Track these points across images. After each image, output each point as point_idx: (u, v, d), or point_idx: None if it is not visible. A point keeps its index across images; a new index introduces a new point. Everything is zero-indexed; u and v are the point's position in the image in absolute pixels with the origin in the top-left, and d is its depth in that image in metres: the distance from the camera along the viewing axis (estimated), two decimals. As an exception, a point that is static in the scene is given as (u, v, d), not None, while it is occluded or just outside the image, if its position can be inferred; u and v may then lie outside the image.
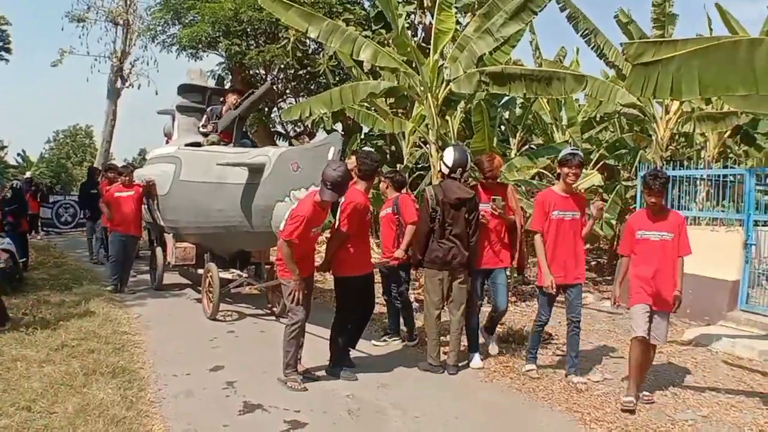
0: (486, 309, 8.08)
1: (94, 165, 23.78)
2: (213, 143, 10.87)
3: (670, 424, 5.73)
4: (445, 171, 7.26)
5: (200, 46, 22.04)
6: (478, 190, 7.29)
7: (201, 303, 10.20)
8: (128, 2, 28.04)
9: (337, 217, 6.76)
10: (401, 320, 8.62)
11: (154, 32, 23.64)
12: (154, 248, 12.67)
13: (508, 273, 8.12)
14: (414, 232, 7.58)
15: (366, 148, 17.06)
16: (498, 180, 7.68)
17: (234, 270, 10.38)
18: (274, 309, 10.02)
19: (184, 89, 12.67)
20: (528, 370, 7.08)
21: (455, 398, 6.42)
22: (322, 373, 6.94)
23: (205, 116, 11.51)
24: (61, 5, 55.39)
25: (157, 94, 28.59)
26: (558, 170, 7.04)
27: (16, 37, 54.57)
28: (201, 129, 11.41)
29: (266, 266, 10.64)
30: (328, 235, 7.28)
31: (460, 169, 7.12)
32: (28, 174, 28.12)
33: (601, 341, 8.80)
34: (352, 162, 7.59)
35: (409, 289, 8.93)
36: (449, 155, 7.21)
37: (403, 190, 8.62)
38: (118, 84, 28.35)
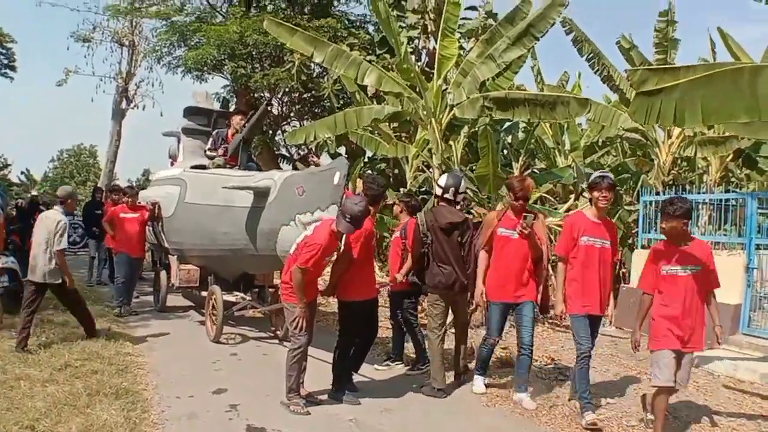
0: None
1: (98, 185, 23.77)
2: (218, 166, 10.92)
3: (672, 449, 5.74)
4: (438, 192, 7.48)
5: (205, 68, 22.29)
6: (507, 213, 6.86)
7: (204, 325, 10.21)
8: (134, 24, 28.30)
9: (343, 242, 6.74)
10: (407, 345, 8.65)
11: (160, 54, 23.86)
12: (157, 270, 12.70)
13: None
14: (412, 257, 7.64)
15: (368, 173, 17.15)
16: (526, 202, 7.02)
17: (238, 293, 10.34)
18: (278, 332, 10.01)
19: (190, 112, 12.70)
20: (589, 423, 6.22)
21: (458, 423, 6.44)
22: (325, 396, 6.93)
23: (211, 139, 11.52)
24: (67, 25, 55.77)
25: (162, 115, 29.06)
26: (588, 195, 6.68)
27: (21, 55, 54.97)
28: (208, 152, 11.41)
29: (270, 289, 10.68)
30: (333, 259, 7.31)
31: (453, 189, 7.25)
32: (33, 192, 28.11)
33: (603, 365, 8.79)
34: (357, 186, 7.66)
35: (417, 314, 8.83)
36: (443, 178, 7.45)
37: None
38: (123, 105, 28.68)
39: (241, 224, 8.81)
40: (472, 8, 19.71)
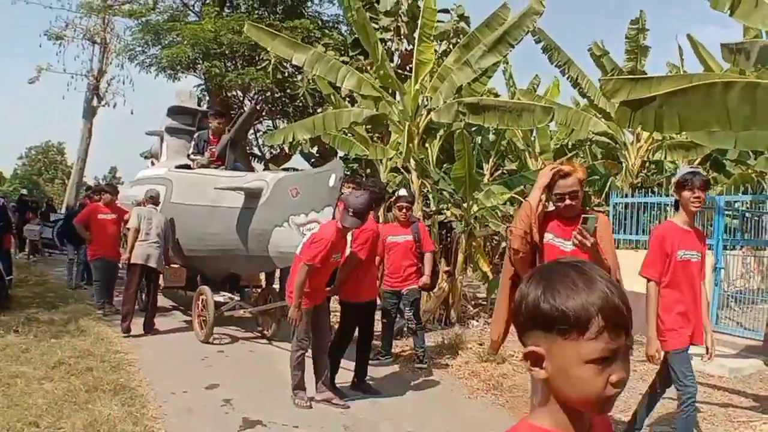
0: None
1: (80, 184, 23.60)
2: (203, 166, 10.95)
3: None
4: None
5: (179, 67, 22.29)
6: (550, 221, 4.57)
7: (190, 324, 10.25)
8: (106, 21, 28.14)
9: (349, 243, 6.91)
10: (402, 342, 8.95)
11: (134, 52, 23.84)
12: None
13: None
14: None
15: (352, 177, 17.37)
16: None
17: (225, 293, 10.29)
18: (266, 332, 10.04)
19: (174, 111, 12.64)
20: None
21: (444, 414, 6.75)
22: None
23: (193, 143, 11.52)
24: (38, 22, 55.10)
25: (132, 113, 28.94)
26: (675, 196, 5.22)
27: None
28: (191, 155, 11.37)
29: (255, 289, 10.79)
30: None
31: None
32: (23, 191, 27.84)
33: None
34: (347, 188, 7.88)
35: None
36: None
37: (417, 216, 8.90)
38: (95, 102, 28.42)
39: (231, 225, 8.89)
40: (445, 11, 20.03)
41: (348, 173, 18.23)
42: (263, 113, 24.10)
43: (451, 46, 17.91)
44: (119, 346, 9.04)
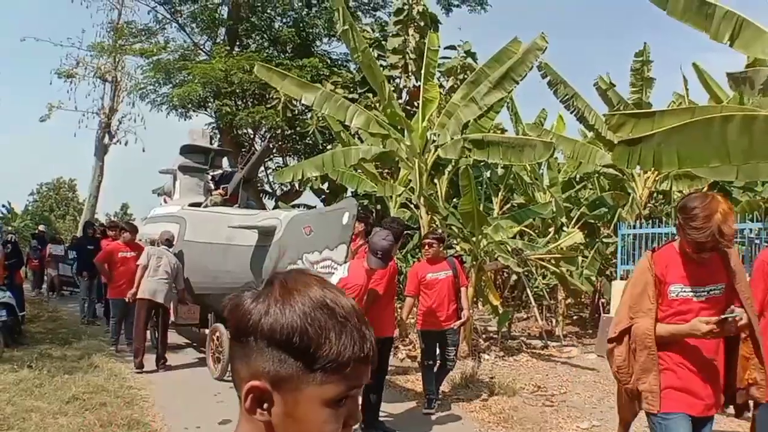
0: None
1: (89, 220, 23.70)
2: (216, 204, 11.06)
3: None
4: None
5: (190, 105, 22.55)
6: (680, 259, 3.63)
7: (203, 361, 10.28)
8: (116, 60, 28.41)
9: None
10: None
11: (145, 91, 24.12)
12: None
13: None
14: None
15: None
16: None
17: None
18: None
19: (187, 150, 12.72)
20: None
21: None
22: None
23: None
24: (48, 60, 55.82)
25: (144, 151, 28.99)
26: None
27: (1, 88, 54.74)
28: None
29: None
30: None
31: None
32: (42, 227, 27.85)
33: (587, 391, 9.23)
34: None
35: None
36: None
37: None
38: (106, 140, 28.59)
39: (245, 262, 8.94)
40: (452, 47, 20.29)
41: (360, 209, 18.38)
42: (274, 151, 24.31)
43: (458, 82, 18.14)
44: (132, 381, 9.13)
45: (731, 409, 4.04)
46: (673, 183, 14.04)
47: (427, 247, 8.18)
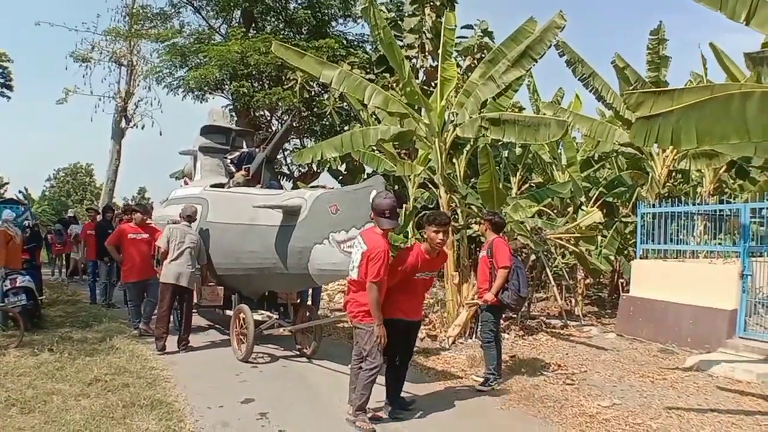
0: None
1: (108, 204, 23.74)
2: (239, 184, 11.00)
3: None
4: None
5: (206, 88, 22.58)
6: None
7: (226, 341, 10.29)
8: (131, 44, 28.45)
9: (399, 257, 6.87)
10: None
11: (161, 74, 24.15)
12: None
13: None
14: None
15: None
16: None
17: (263, 311, 10.06)
18: (305, 350, 9.89)
19: (208, 130, 12.62)
20: None
21: (477, 425, 6.84)
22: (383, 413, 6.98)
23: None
24: (64, 44, 55.76)
25: (161, 134, 29.20)
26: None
27: (18, 74, 54.88)
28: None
29: (292, 306, 10.61)
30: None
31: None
32: (71, 213, 27.94)
33: (608, 370, 9.21)
34: None
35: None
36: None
37: (501, 233, 8.65)
38: (123, 124, 28.69)
39: (270, 243, 8.81)
40: (468, 26, 20.22)
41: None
42: (292, 132, 24.30)
43: (475, 61, 18.05)
44: (154, 363, 9.13)
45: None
46: (691, 162, 13.96)
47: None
